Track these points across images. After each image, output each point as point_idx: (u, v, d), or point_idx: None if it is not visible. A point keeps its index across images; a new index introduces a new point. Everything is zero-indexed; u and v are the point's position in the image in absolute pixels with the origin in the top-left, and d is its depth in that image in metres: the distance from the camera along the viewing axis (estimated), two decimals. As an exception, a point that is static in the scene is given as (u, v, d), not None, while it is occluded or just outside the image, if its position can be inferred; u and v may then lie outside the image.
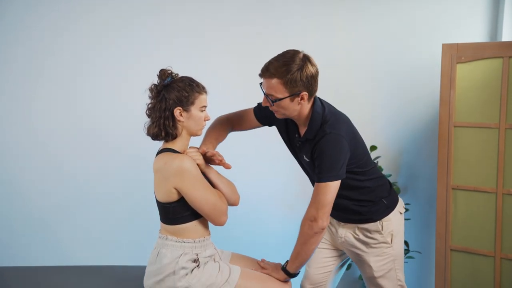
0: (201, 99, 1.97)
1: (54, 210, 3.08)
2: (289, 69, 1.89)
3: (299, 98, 1.94)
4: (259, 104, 2.23)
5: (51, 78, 3.01)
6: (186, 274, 1.93)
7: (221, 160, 2.06)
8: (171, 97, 1.93)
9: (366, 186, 2.12)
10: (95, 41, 3.01)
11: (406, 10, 3.17)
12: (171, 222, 1.97)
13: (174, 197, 1.92)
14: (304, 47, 3.11)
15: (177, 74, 1.99)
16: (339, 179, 1.95)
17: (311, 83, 1.94)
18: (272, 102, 1.94)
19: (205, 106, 2.00)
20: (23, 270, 2.36)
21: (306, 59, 1.93)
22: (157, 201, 1.99)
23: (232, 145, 3.09)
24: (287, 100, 1.93)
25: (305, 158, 2.07)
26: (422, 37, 3.15)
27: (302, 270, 2.36)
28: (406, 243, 3.13)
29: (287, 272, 2.05)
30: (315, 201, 1.96)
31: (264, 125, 2.26)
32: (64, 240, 3.10)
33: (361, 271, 2.26)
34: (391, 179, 3.23)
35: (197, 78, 2.03)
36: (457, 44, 2.74)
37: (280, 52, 1.98)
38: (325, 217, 1.94)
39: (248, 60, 3.14)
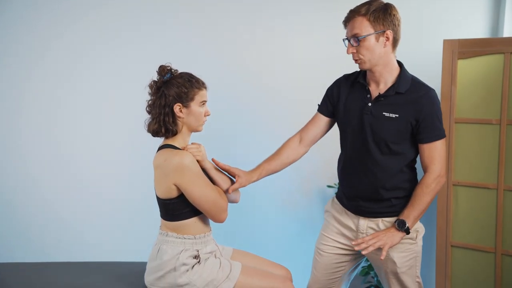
0: (200, 95, 1.97)
1: (54, 207, 3.08)
2: (372, 6, 1.95)
3: (384, 38, 1.96)
4: (319, 105, 2.25)
5: (51, 77, 3.01)
6: (187, 270, 1.93)
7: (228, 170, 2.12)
8: (170, 93, 1.93)
9: (411, 176, 2.12)
10: (94, 40, 3.00)
11: (407, 5, 3.14)
12: (171, 218, 1.97)
13: (174, 193, 1.92)
14: (304, 44, 3.15)
15: (176, 70, 1.99)
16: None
17: (395, 23, 1.97)
18: (358, 40, 1.95)
19: (205, 101, 2.00)
20: (23, 266, 2.35)
21: (391, 4, 2.01)
22: (157, 197, 1.99)
23: (234, 141, 3.11)
24: (373, 38, 1.95)
25: (385, 114, 2.02)
26: (423, 32, 3.14)
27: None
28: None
29: (408, 230, 2.04)
30: (438, 158, 2.02)
31: (330, 116, 2.22)
32: (65, 236, 3.10)
33: (379, 267, 2.21)
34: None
35: (197, 75, 2.02)
36: (458, 40, 2.74)
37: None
38: (446, 170, 2.12)
39: (249, 58, 3.14)
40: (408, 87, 2.01)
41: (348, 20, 1.99)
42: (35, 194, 3.06)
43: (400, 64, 2.08)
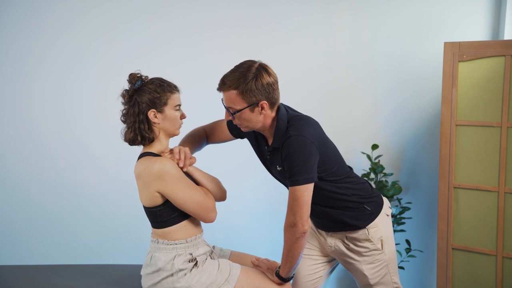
0: (174, 98, 1.95)
1: (54, 210, 3.09)
2: (244, 79, 1.86)
3: (259, 108, 1.90)
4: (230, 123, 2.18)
5: (50, 77, 3.02)
6: (185, 275, 1.92)
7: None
8: (143, 100, 1.92)
9: (341, 192, 2.05)
10: (93, 41, 3.01)
11: (408, 8, 3.16)
12: (160, 225, 1.95)
13: (158, 200, 1.91)
14: (304, 44, 3.16)
15: (147, 76, 1.97)
16: (311, 182, 1.89)
17: (269, 91, 1.89)
18: (232, 114, 1.92)
19: (179, 105, 1.98)
20: (23, 269, 2.37)
21: (262, 68, 1.90)
22: (143, 206, 1.98)
23: (231, 142, 3.10)
24: (247, 111, 1.90)
25: (277, 168, 2.01)
26: (424, 35, 3.14)
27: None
28: (408, 242, 3.12)
29: (281, 277, 2.02)
30: (291, 206, 1.90)
31: (236, 137, 2.22)
32: (64, 239, 3.11)
33: (356, 279, 2.21)
34: (392, 178, 3.23)
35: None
36: (459, 42, 2.73)
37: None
38: (304, 221, 1.89)
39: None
40: (281, 138, 1.93)
41: (221, 89, 1.91)
42: (34, 197, 3.07)
43: (277, 115, 1.97)
